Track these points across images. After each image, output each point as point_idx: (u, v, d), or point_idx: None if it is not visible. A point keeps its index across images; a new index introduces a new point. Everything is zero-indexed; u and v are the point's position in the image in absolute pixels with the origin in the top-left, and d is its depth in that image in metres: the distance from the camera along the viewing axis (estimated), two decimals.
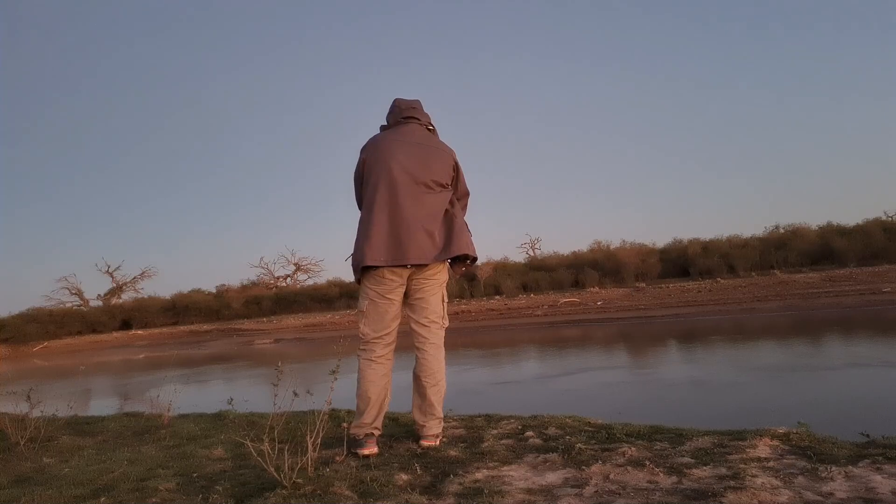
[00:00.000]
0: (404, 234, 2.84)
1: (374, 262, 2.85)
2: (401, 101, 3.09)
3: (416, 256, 2.84)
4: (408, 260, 2.84)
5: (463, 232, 2.98)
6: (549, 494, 2.13)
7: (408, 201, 2.87)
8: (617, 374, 9.36)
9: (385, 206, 2.88)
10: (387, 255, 2.85)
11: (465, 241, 2.96)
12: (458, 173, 3.07)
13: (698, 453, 2.47)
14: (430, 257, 2.87)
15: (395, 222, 2.86)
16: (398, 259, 2.84)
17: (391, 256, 2.85)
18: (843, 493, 1.92)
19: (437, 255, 2.89)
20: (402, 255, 2.84)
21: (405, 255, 2.84)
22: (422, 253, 2.85)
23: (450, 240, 2.92)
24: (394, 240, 2.85)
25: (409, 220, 2.85)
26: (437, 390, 2.92)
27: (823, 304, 17.10)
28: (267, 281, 45.19)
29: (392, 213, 2.87)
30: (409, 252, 2.83)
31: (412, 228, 2.84)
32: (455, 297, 29.25)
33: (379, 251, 2.84)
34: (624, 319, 18.72)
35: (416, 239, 2.84)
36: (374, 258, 2.85)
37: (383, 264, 2.85)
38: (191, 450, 3.37)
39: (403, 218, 2.85)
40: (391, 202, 2.87)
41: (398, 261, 2.84)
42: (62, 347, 32.71)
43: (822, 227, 28.59)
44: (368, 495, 2.23)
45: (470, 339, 17.22)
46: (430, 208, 2.91)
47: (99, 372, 17.95)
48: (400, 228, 2.85)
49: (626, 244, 31.79)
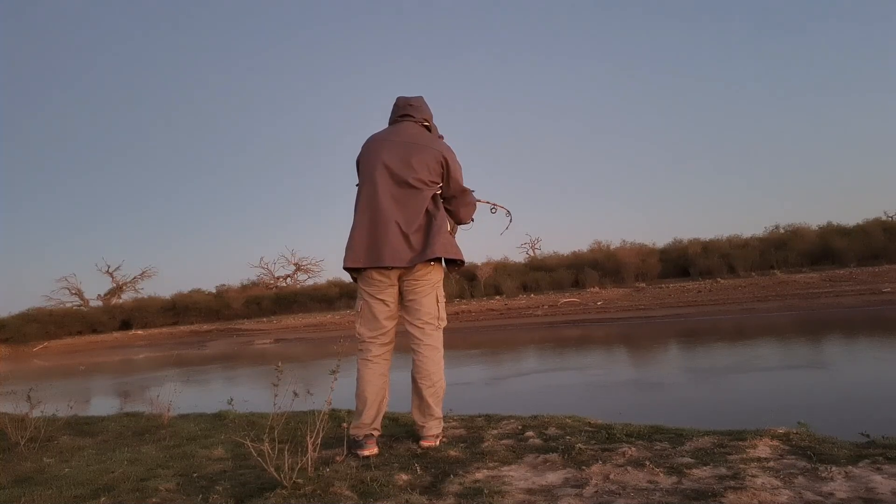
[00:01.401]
0: (381, 235, 2.82)
1: (354, 263, 2.85)
2: (400, 100, 3.08)
3: (390, 259, 2.81)
4: (383, 262, 2.81)
5: (441, 233, 2.86)
6: (549, 494, 2.13)
7: (387, 202, 2.84)
8: (617, 375, 9.36)
9: (367, 208, 2.87)
10: (365, 257, 2.84)
11: (441, 244, 2.85)
12: (449, 171, 2.96)
13: (698, 453, 2.47)
14: (405, 260, 2.82)
15: (374, 224, 2.84)
16: (375, 261, 2.82)
17: (369, 258, 2.84)
18: (843, 494, 1.92)
19: (413, 258, 2.82)
20: (379, 257, 2.82)
21: (381, 258, 2.81)
22: (396, 255, 2.81)
23: (427, 242, 2.84)
24: (372, 241, 2.83)
25: (386, 221, 2.82)
26: (434, 391, 2.91)
27: (823, 304, 17.09)
28: (267, 281, 45.20)
29: (372, 214, 2.86)
30: (385, 254, 2.81)
31: (388, 230, 2.82)
32: (455, 297, 29.25)
33: (358, 253, 2.84)
34: (624, 319, 18.72)
35: (390, 241, 2.81)
36: (353, 259, 2.85)
37: (362, 266, 2.85)
38: (191, 450, 3.37)
39: (382, 219, 2.83)
40: (372, 203, 2.86)
41: (375, 262, 2.82)
42: (62, 347, 32.70)
43: (822, 227, 28.59)
44: (368, 495, 2.23)
45: (470, 339, 17.22)
46: (409, 209, 2.85)
47: (99, 372, 17.95)
48: (378, 230, 2.83)
49: (626, 244, 31.80)
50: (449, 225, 3.01)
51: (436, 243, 2.83)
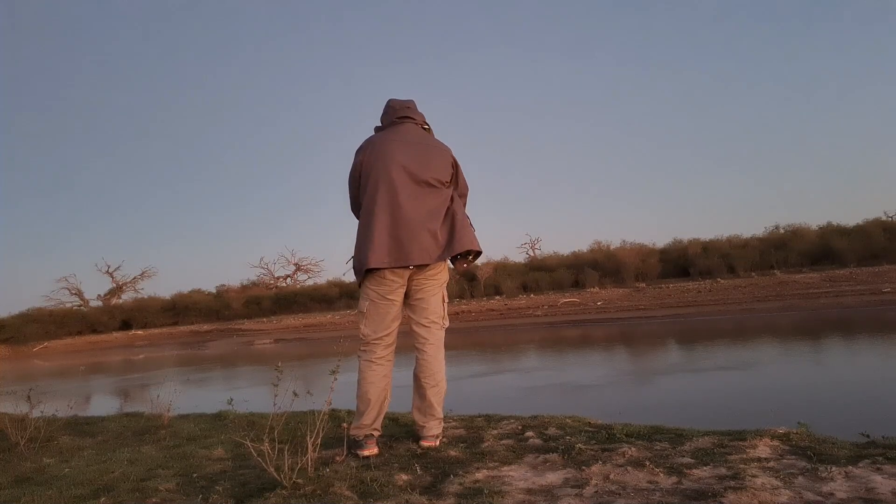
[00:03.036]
0: (406, 234, 2.82)
1: (378, 263, 2.83)
2: (395, 102, 3.08)
3: (419, 257, 2.83)
4: (411, 261, 2.82)
5: (466, 228, 2.96)
6: (549, 495, 2.13)
7: (409, 201, 2.85)
8: (617, 375, 9.36)
9: (386, 207, 2.86)
10: (390, 257, 2.83)
11: (468, 237, 2.94)
12: (458, 170, 3.07)
13: (698, 453, 2.47)
14: (433, 257, 2.85)
15: (397, 223, 2.84)
16: (401, 260, 2.83)
17: (394, 258, 2.83)
18: (843, 494, 1.92)
19: (441, 254, 2.87)
20: (405, 256, 2.82)
21: (408, 256, 2.82)
22: (425, 253, 2.84)
23: (452, 237, 2.90)
24: (396, 241, 2.83)
25: (411, 221, 2.83)
26: (437, 391, 2.92)
27: (823, 304, 17.10)
28: (267, 281, 45.23)
29: (393, 213, 2.85)
30: (413, 253, 2.82)
31: (414, 229, 2.83)
32: (455, 297, 29.26)
33: (382, 253, 2.82)
34: (624, 320, 18.72)
35: (418, 239, 2.83)
36: (377, 260, 2.82)
37: (387, 266, 2.84)
38: (191, 450, 3.37)
39: (405, 218, 2.84)
40: (392, 203, 2.85)
41: (401, 262, 2.83)
42: (62, 347, 32.71)
43: (822, 227, 28.63)
44: (368, 495, 2.23)
45: (470, 339, 17.22)
46: (431, 207, 2.89)
47: (99, 372, 17.95)
48: (401, 229, 2.83)
49: (626, 244, 31.82)
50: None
51: (463, 237, 2.90)
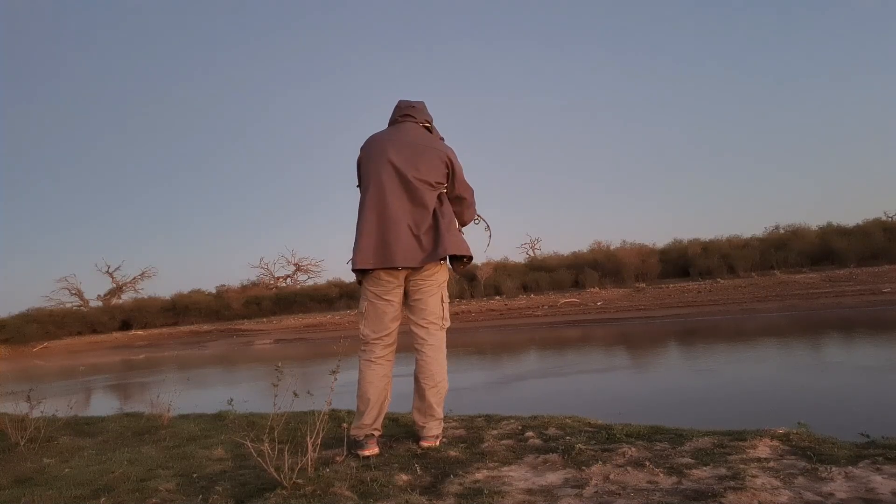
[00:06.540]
0: (391, 235, 2.81)
1: (364, 264, 2.83)
2: (401, 102, 3.09)
3: (402, 259, 2.81)
4: (395, 262, 2.81)
5: (450, 231, 2.90)
6: (549, 495, 2.13)
7: (395, 202, 2.84)
8: (617, 375, 9.36)
9: (374, 207, 2.86)
10: (375, 258, 2.83)
11: (452, 242, 2.88)
12: (454, 171, 3.00)
13: (698, 453, 2.47)
14: (417, 260, 2.83)
15: (383, 223, 2.83)
16: (386, 261, 2.82)
17: (379, 259, 2.82)
18: (843, 494, 1.92)
19: (425, 257, 2.84)
20: (390, 257, 2.81)
21: (392, 258, 2.81)
22: (408, 255, 2.81)
23: (437, 241, 2.85)
24: (382, 241, 2.82)
25: (396, 222, 2.82)
26: (437, 392, 2.91)
27: (823, 304, 17.09)
28: (267, 281, 45.23)
29: (380, 214, 2.84)
30: (397, 254, 2.80)
31: (398, 230, 2.81)
32: (455, 297, 29.24)
33: (367, 253, 2.83)
34: (624, 320, 18.71)
35: (402, 241, 2.80)
36: (363, 260, 2.83)
37: (371, 267, 2.83)
38: (191, 450, 3.37)
39: (392, 219, 2.82)
40: (380, 203, 2.85)
41: (386, 263, 2.82)
42: (62, 348, 32.69)
43: (822, 227, 28.64)
44: (368, 496, 2.23)
45: (470, 339, 17.21)
46: (418, 209, 2.86)
47: (99, 372, 17.94)
48: (387, 230, 2.82)
49: (626, 244, 31.87)
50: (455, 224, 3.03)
51: (446, 241, 2.85)
